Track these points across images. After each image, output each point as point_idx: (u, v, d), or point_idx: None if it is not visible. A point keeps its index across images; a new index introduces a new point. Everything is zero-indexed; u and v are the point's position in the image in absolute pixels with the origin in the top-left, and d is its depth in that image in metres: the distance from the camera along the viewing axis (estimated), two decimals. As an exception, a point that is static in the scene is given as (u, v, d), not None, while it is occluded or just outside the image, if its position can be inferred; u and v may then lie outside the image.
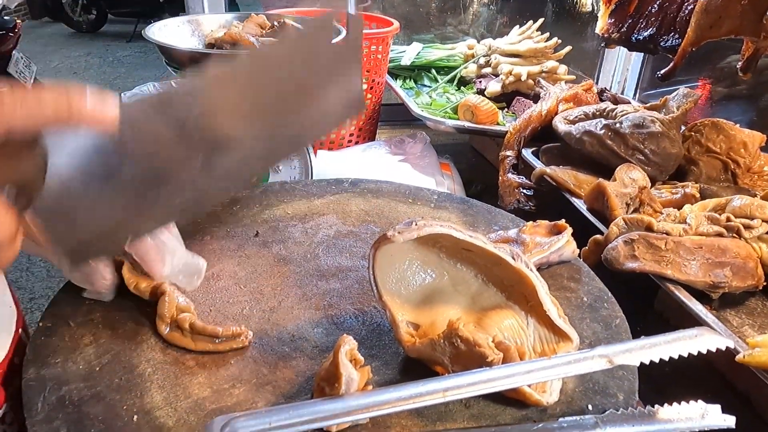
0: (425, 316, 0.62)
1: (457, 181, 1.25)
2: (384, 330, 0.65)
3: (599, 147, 1.03)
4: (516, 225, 0.86)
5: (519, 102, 1.43)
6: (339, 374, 0.50)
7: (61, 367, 0.56)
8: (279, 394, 0.56)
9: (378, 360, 0.61)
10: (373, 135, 1.48)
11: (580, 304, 0.70)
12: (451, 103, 1.40)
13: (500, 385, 0.48)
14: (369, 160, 1.26)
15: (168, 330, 0.60)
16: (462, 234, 0.59)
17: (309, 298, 0.70)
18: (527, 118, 1.18)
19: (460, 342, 0.53)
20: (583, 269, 0.77)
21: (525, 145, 1.17)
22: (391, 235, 0.57)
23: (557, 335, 0.59)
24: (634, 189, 0.89)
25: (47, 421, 0.50)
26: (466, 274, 0.64)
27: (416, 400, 0.48)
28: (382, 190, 0.94)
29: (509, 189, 1.09)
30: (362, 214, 0.88)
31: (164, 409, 0.53)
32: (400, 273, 0.63)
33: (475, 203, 0.92)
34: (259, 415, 0.47)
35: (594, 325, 0.67)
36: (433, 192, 0.94)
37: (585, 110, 1.16)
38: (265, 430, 0.46)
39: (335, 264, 0.76)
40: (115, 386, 0.55)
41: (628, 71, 1.82)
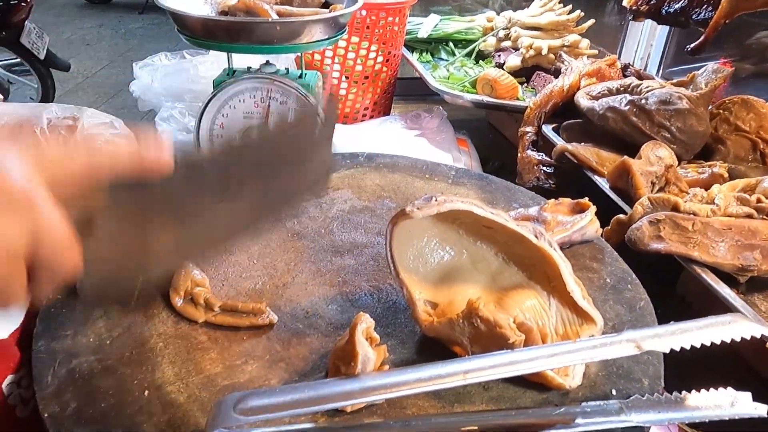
0: (443, 294, 0.60)
1: (474, 158, 1.22)
2: (400, 308, 0.64)
3: (623, 123, 0.99)
4: (536, 203, 0.84)
5: (539, 77, 1.39)
6: (355, 353, 0.49)
7: (72, 339, 0.55)
8: (292, 372, 0.55)
9: (394, 339, 0.59)
10: (388, 109, 1.45)
11: (603, 285, 0.68)
12: (469, 77, 1.37)
13: (523, 368, 0.46)
14: (384, 134, 1.23)
15: (181, 302, 0.59)
16: (483, 211, 0.57)
17: (323, 274, 0.68)
18: (548, 93, 1.15)
19: (480, 322, 0.52)
20: (606, 249, 0.74)
21: (545, 121, 1.13)
22: (409, 211, 0.54)
23: (580, 317, 0.57)
24: (660, 167, 0.86)
25: (57, 394, 0.49)
26: (486, 252, 0.62)
27: (435, 382, 0.46)
28: (398, 165, 0.91)
29: (528, 166, 1.06)
30: (378, 189, 0.85)
31: (175, 384, 0.52)
32: (418, 250, 0.61)
33: (493, 179, 0.89)
34: (272, 393, 0.46)
35: (617, 307, 0.64)
36: (451, 168, 0.92)
37: (608, 86, 1.12)
38: (279, 407, 0.45)
39: (350, 240, 0.74)
40: (125, 360, 0.54)
41: (651, 47, 1.76)
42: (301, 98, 0.96)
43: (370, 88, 1.34)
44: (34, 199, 0.32)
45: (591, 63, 1.26)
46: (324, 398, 0.46)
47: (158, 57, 1.38)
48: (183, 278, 0.60)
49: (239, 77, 0.96)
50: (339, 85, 1.30)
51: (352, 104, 1.33)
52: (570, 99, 1.15)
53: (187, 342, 0.57)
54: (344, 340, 0.52)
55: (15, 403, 0.53)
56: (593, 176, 0.94)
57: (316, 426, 0.49)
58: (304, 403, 0.45)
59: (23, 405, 0.54)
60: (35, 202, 0.32)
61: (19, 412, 0.53)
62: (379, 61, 1.30)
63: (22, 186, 0.32)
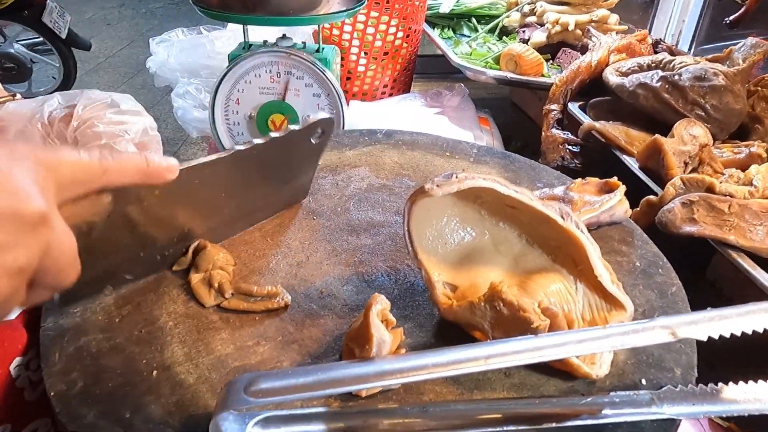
0: (463, 277, 0.57)
1: (496, 137, 1.18)
2: (418, 290, 0.61)
3: (654, 101, 0.95)
4: (561, 182, 0.80)
5: (565, 53, 1.34)
6: (370, 335, 0.47)
7: (80, 317, 0.54)
8: (305, 354, 0.53)
9: (411, 321, 0.57)
10: (408, 87, 1.41)
11: (633, 269, 0.64)
12: (492, 53, 1.32)
13: (549, 354, 0.43)
14: (403, 112, 1.20)
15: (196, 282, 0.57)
16: (507, 189, 0.54)
17: (339, 254, 0.66)
18: (575, 70, 1.10)
19: (502, 306, 0.49)
20: (635, 231, 0.70)
21: (571, 99, 1.09)
22: (429, 188, 0.52)
23: (609, 303, 0.54)
24: (695, 147, 0.82)
25: (64, 372, 0.48)
26: (509, 234, 0.59)
27: (455, 367, 0.43)
28: (418, 143, 0.88)
29: (553, 145, 1.02)
30: (396, 167, 0.82)
31: (185, 364, 0.50)
32: (438, 230, 0.58)
33: (517, 158, 0.86)
34: (285, 375, 0.44)
35: (648, 292, 0.61)
36: (473, 145, 0.88)
37: (639, 61, 1.07)
38: (291, 390, 0.43)
39: (367, 219, 0.72)
40: (134, 339, 0.52)
41: (683, 22, 1.69)
42: (317, 73, 0.94)
43: (389, 64, 1.30)
44: (49, 219, 0.32)
45: (620, 38, 1.20)
46: (337, 381, 0.44)
47: (175, 33, 1.36)
48: (206, 257, 0.58)
49: (255, 51, 0.94)
50: (357, 62, 1.27)
51: (371, 81, 1.30)
52: (598, 76, 1.10)
53: (198, 321, 0.55)
54: (359, 322, 0.50)
55: (24, 385, 0.52)
56: (622, 156, 0.90)
57: (329, 410, 0.47)
58: (317, 386, 0.43)
59: (32, 388, 0.53)
60: (49, 220, 0.32)
61: (28, 396, 0.52)
62: (399, 37, 1.27)
63: (39, 206, 0.31)
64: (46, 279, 0.34)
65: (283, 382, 0.43)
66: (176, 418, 0.45)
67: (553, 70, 1.31)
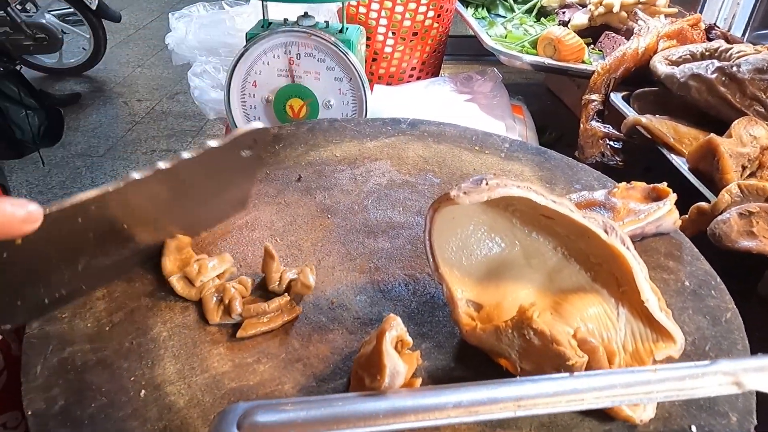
0: (490, 294, 0.51)
1: (530, 127, 1.10)
2: (438, 304, 0.55)
3: (708, 94, 0.86)
4: (602, 185, 0.73)
5: (608, 38, 1.25)
6: (382, 366, 0.41)
7: (68, 323, 0.49)
8: (310, 375, 0.48)
9: (429, 341, 0.51)
10: (438, 70, 1.34)
11: (681, 289, 0.57)
12: (529, 36, 1.23)
13: (590, 401, 0.37)
14: (431, 97, 1.13)
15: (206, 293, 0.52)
16: (544, 198, 0.47)
17: (353, 258, 0.60)
18: (620, 57, 1.01)
19: (532, 335, 0.43)
20: (684, 245, 0.63)
21: (614, 89, 1.00)
22: (454, 196, 0.45)
23: (656, 332, 0.47)
24: (755, 149, 0.73)
25: (45, 388, 0.44)
26: (543, 246, 0.53)
27: (479, 411, 0.38)
28: (445, 135, 0.82)
29: (592, 139, 0.94)
30: (420, 162, 0.76)
31: (176, 384, 0.45)
32: (463, 239, 0.52)
33: (552, 155, 0.79)
34: (283, 409, 0.39)
35: (698, 318, 0.54)
36: (504, 139, 0.81)
37: (692, 49, 0.98)
38: (290, 427, 0.38)
39: (386, 219, 0.66)
40: (124, 351, 0.47)
41: (738, 5, 1.57)
42: (339, 56, 0.87)
43: (418, 46, 1.22)
44: None
45: (670, 23, 1.11)
46: (343, 420, 0.38)
47: (195, 7, 1.31)
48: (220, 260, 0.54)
49: (274, 30, 0.88)
50: (384, 42, 1.20)
51: (398, 63, 1.23)
52: (644, 64, 1.01)
53: (195, 333, 0.50)
54: (370, 346, 0.44)
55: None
56: (669, 155, 0.82)
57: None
58: (319, 424, 0.38)
59: None
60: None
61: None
62: (429, 17, 1.19)
63: None
64: None
65: (280, 416, 0.38)
66: (161, 449, 0.41)
67: (594, 55, 1.22)
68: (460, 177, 0.73)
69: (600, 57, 1.21)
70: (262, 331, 0.50)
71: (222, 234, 0.61)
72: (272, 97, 0.92)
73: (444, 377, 0.48)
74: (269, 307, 0.51)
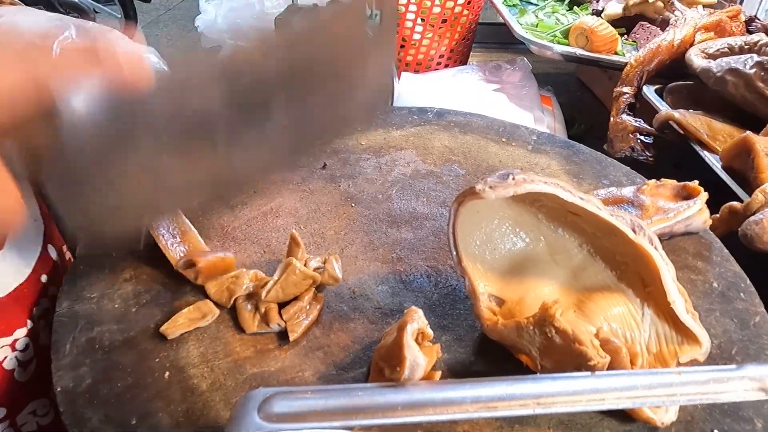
0: (512, 289, 0.51)
1: (559, 119, 1.09)
2: (460, 296, 0.55)
3: (746, 90, 0.83)
4: (631, 181, 0.71)
5: (642, 28, 1.21)
6: (402, 357, 0.41)
7: (96, 304, 0.50)
8: (330, 363, 0.48)
9: (449, 333, 0.51)
10: (466, 58, 1.32)
11: (709, 290, 0.56)
12: (561, 25, 1.21)
13: (611, 401, 0.37)
14: (459, 86, 1.11)
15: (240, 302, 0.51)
16: (571, 195, 0.47)
17: (376, 248, 0.60)
18: (654, 49, 0.98)
19: (554, 333, 0.42)
20: (714, 245, 0.62)
21: (647, 82, 0.98)
22: (480, 190, 0.45)
23: (681, 334, 0.47)
24: (792, 148, 0.71)
25: (73, 366, 0.45)
26: (568, 243, 0.52)
27: (498, 407, 0.38)
28: (472, 125, 0.81)
29: (622, 133, 0.92)
30: (446, 152, 0.75)
31: (200, 367, 0.46)
32: (487, 234, 0.52)
33: (581, 149, 0.77)
34: (304, 396, 0.39)
35: (725, 320, 0.53)
36: (532, 131, 0.80)
37: (730, 42, 0.95)
38: (311, 416, 0.38)
39: (410, 209, 0.66)
40: (150, 333, 0.49)
41: (781, -3, 1.51)
42: (368, 42, 0.86)
43: (447, 33, 1.21)
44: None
45: (708, 14, 1.07)
46: (363, 411, 0.39)
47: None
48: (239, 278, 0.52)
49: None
50: (413, 29, 1.18)
51: (426, 50, 1.21)
52: (680, 57, 0.98)
53: (219, 317, 0.51)
54: (391, 337, 0.44)
55: (12, 366, 0.49)
56: (702, 151, 0.80)
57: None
58: (340, 414, 0.39)
59: (22, 368, 0.50)
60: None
61: (20, 376, 0.50)
62: (459, 3, 1.17)
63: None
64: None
65: (301, 403, 0.39)
66: (184, 431, 0.41)
67: (627, 46, 1.19)
68: (485, 169, 0.73)
69: (633, 48, 1.18)
70: (307, 327, 0.50)
71: (246, 220, 0.62)
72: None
73: (463, 371, 0.48)
74: (305, 302, 0.51)
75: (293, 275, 0.50)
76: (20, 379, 0.50)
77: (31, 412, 0.51)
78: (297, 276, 0.50)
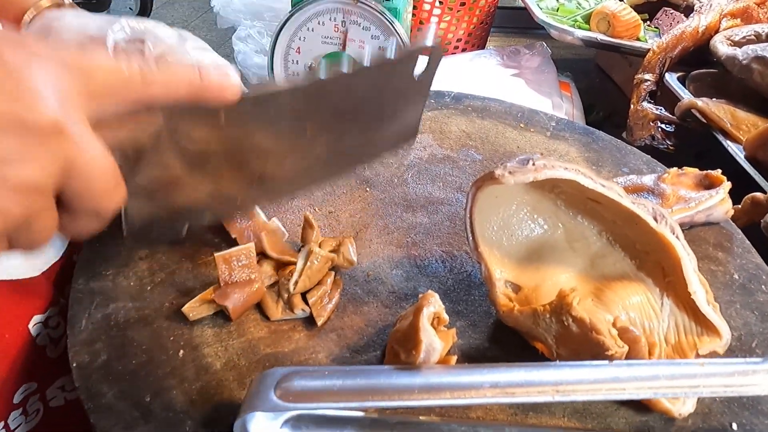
0: (529, 276, 0.50)
1: (577, 106, 1.07)
2: (475, 282, 0.55)
3: (772, 79, 0.81)
4: (651, 169, 0.70)
5: (666, 14, 1.19)
6: (418, 341, 0.41)
7: (112, 280, 0.51)
8: (344, 346, 0.48)
9: (463, 319, 0.51)
10: (484, 42, 1.30)
11: (729, 282, 0.55)
12: (582, 9, 1.18)
13: (631, 390, 0.37)
14: (476, 71, 1.10)
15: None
16: (592, 182, 0.46)
17: (391, 232, 0.60)
18: (678, 35, 0.96)
19: (571, 321, 0.42)
20: (735, 236, 0.61)
21: (669, 69, 0.96)
22: (499, 175, 0.44)
23: (700, 325, 0.46)
24: (819, 139, 0.69)
25: (89, 342, 0.45)
26: (587, 230, 0.51)
27: (515, 393, 0.37)
28: (490, 110, 0.80)
29: (643, 121, 0.91)
30: (463, 137, 0.75)
31: (214, 346, 0.46)
32: (504, 219, 0.51)
33: (601, 136, 0.76)
34: (321, 376, 0.39)
35: (746, 313, 0.52)
36: (551, 117, 0.79)
37: (757, 30, 0.92)
38: (327, 396, 0.38)
39: (425, 194, 0.65)
40: (164, 311, 0.49)
41: (810, -16, 1.47)
42: (385, 24, 0.85)
43: (465, 16, 1.19)
44: (66, 128, 0.28)
45: (735, 0, 1.04)
46: (379, 392, 0.39)
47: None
48: None
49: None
50: (431, 12, 1.17)
51: (443, 34, 1.20)
52: (704, 44, 0.96)
53: (233, 297, 0.51)
54: (406, 321, 0.44)
55: (44, 343, 0.50)
56: (725, 141, 0.78)
57: (366, 416, 0.42)
58: (356, 394, 0.38)
59: (53, 345, 0.51)
60: (67, 131, 0.28)
61: (51, 353, 0.50)
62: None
63: (50, 114, 0.27)
64: (81, 203, 0.30)
65: (318, 383, 0.39)
66: (198, 408, 0.42)
67: (650, 32, 1.17)
68: (503, 155, 0.72)
69: (656, 34, 1.16)
70: (331, 311, 0.50)
71: (262, 201, 0.61)
72: (315, 65, 0.91)
73: (478, 356, 0.48)
74: (328, 285, 0.51)
75: (316, 262, 0.50)
76: (51, 356, 0.51)
77: (60, 387, 0.52)
78: (320, 262, 0.50)
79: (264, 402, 0.37)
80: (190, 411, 0.41)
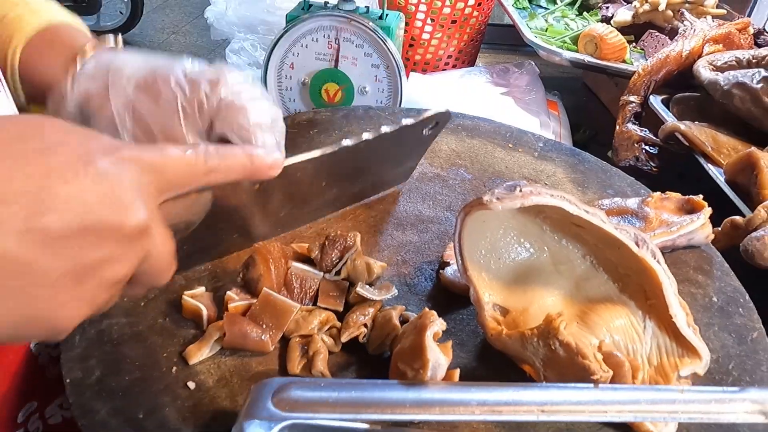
0: (517, 299, 0.51)
1: (565, 125, 1.09)
2: (462, 301, 0.56)
3: (752, 104, 0.84)
4: (635, 192, 0.72)
5: (651, 37, 1.22)
6: (426, 360, 0.42)
7: (105, 296, 0.51)
8: (333, 365, 0.49)
9: (452, 338, 0.52)
10: (474, 59, 1.32)
11: (708, 304, 0.57)
12: (570, 30, 1.21)
13: (613, 413, 0.38)
14: (466, 88, 1.12)
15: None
16: (576, 208, 0.47)
17: (381, 250, 0.61)
18: (662, 59, 0.99)
19: (558, 346, 0.43)
20: (715, 259, 0.63)
21: (654, 92, 0.98)
22: (487, 201, 0.46)
23: (681, 347, 0.47)
24: (796, 165, 0.72)
25: (82, 358, 0.46)
26: (572, 254, 0.53)
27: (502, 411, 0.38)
28: (479, 130, 0.81)
29: (628, 142, 0.93)
30: (452, 156, 0.76)
31: (206, 363, 0.47)
32: (492, 243, 0.52)
33: (586, 157, 0.78)
34: (317, 386, 0.40)
35: (724, 335, 0.54)
36: (538, 138, 0.81)
37: (738, 56, 0.95)
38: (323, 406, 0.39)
39: (415, 212, 0.67)
40: (158, 328, 0.49)
41: (790, 10, 1.51)
42: (378, 42, 0.87)
43: (456, 33, 1.21)
44: (151, 228, 0.31)
45: (717, 26, 1.08)
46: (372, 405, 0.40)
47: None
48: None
49: (314, 13, 0.88)
50: (422, 29, 1.19)
51: (434, 50, 1.22)
52: (688, 68, 0.99)
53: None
54: (408, 340, 0.45)
55: (44, 363, 0.50)
56: (706, 164, 0.81)
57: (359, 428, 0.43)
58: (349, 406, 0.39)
59: (52, 365, 0.51)
60: (151, 231, 0.31)
61: (49, 373, 0.51)
62: (470, 4, 1.17)
63: (141, 219, 0.30)
64: (143, 279, 0.33)
65: (314, 393, 0.40)
66: (190, 425, 0.42)
67: (635, 54, 1.20)
68: (492, 174, 0.73)
69: (641, 56, 1.19)
70: None
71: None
72: (308, 81, 0.92)
73: (466, 375, 0.49)
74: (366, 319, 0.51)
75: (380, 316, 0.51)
76: (50, 376, 0.51)
77: (59, 405, 0.52)
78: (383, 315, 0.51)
79: (261, 410, 0.38)
80: (182, 428, 0.42)
